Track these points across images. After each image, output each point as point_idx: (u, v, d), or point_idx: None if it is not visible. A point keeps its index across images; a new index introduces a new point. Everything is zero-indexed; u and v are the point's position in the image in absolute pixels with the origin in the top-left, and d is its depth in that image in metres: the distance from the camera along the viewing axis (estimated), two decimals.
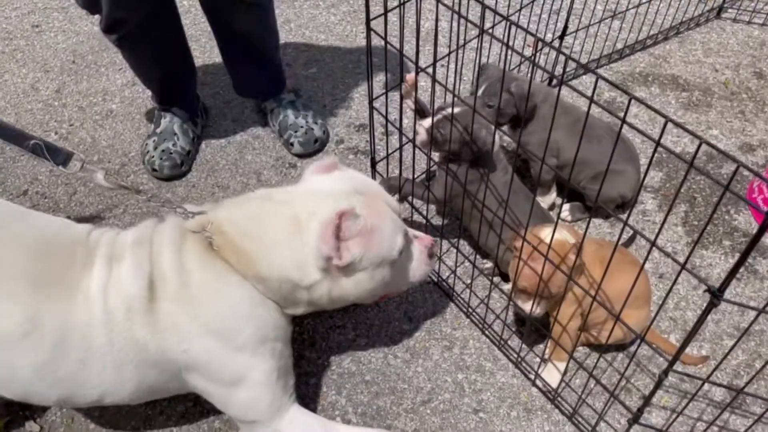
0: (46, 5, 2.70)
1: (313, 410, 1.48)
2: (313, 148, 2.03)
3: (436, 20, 1.11)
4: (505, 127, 1.74)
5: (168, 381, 1.23)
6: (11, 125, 1.30)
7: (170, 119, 2.04)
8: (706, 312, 0.93)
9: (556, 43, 2.18)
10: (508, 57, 1.12)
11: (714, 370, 1.09)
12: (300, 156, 2.06)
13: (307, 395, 1.51)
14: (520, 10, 1.90)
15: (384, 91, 1.48)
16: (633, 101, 0.93)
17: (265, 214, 1.21)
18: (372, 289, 1.27)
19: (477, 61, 1.22)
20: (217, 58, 2.40)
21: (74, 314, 1.13)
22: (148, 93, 2.27)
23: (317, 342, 1.61)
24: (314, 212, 1.18)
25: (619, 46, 2.38)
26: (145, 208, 1.91)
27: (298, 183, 1.33)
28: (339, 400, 1.51)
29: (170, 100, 2.01)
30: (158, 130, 2.03)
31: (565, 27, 2.06)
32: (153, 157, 1.98)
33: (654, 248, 1.71)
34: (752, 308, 0.91)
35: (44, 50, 2.48)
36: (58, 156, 1.29)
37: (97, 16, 1.74)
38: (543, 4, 2.10)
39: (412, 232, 1.38)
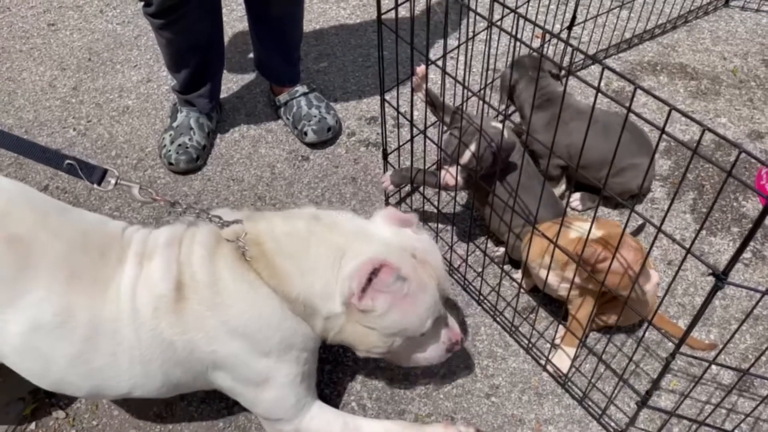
0: (61, 4, 2.74)
1: (329, 395, 1.52)
2: (327, 136, 2.07)
3: (446, 14, 1.14)
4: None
5: (195, 378, 1.26)
6: (45, 147, 1.30)
7: (187, 113, 2.08)
8: (710, 295, 0.96)
9: (564, 34, 2.19)
10: (517, 49, 1.14)
11: (719, 351, 1.12)
12: (313, 145, 2.10)
13: (323, 381, 1.55)
14: (528, 1, 1.92)
15: (395, 84, 1.51)
16: (640, 91, 0.95)
17: (311, 238, 1.20)
18: (374, 347, 1.26)
19: (486, 53, 1.25)
20: (229, 53, 2.44)
21: (104, 308, 1.17)
22: (164, 89, 2.32)
23: None
24: (359, 254, 1.17)
25: (627, 35, 2.39)
26: (162, 201, 1.96)
27: (364, 216, 1.30)
28: (354, 386, 1.55)
29: (195, 89, 2.04)
30: (175, 125, 2.08)
31: (573, 17, 2.07)
32: (170, 151, 2.02)
33: (663, 235, 1.74)
34: (756, 290, 0.94)
35: (60, 48, 2.53)
36: (93, 174, 1.28)
37: (115, 9, 1.77)
38: None
39: (446, 318, 1.35)
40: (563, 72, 1.79)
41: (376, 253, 1.16)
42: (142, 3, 1.77)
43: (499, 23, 1.15)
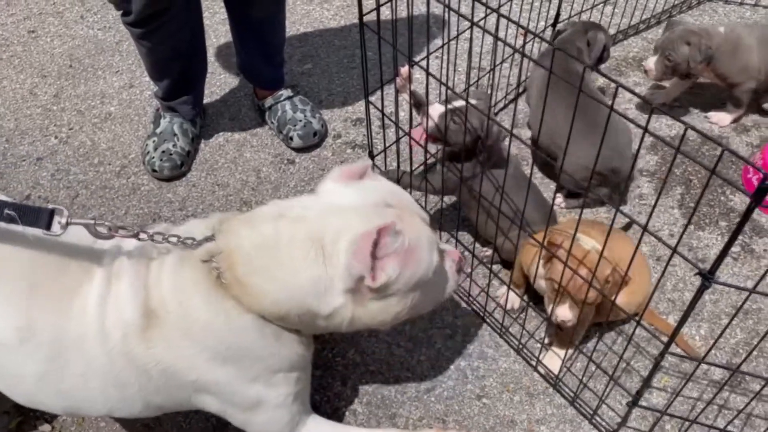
0: (41, 11, 2.71)
1: (320, 402, 1.51)
2: (312, 141, 2.05)
3: (428, 15, 1.13)
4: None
5: (180, 404, 1.21)
6: None
7: (170, 119, 2.05)
8: (698, 294, 0.95)
9: (549, 31, 2.18)
10: (499, 48, 1.13)
11: (709, 350, 1.11)
12: (299, 150, 2.08)
13: (314, 387, 1.53)
14: (510, 0, 1.92)
15: (379, 85, 1.49)
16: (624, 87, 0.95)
17: (279, 240, 1.08)
18: (397, 313, 1.15)
19: (470, 52, 1.24)
20: (212, 57, 2.42)
21: (70, 327, 1.09)
22: (146, 95, 2.29)
23: (321, 334, 1.63)
24: (341, 231, 1.06)
25: (612, 31, 2.39)
26: (146, 209, 1.94)
27: (317, 192, 1.19)
28: (344, 391, 1.53)
29: (178, 96, 2.02)
30: (158, 131, 2.05)
31: (557, 14, 2.06)
32: (153, 158, 2.00)
33: (652, 230, 1.73)
34: (743, 289, 0.93)
35: (41, 55, 2.50)
36: (40, 218, 1.05)
37: (96, 15, 1.75)
38: None
39: (441, 245, 1.27)
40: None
41: (357, 227, 1.05)
42: (121, 12, 1.75)
43: (482, 23, 1.14)
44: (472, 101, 1.43)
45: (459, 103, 1.47)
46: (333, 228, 1.07)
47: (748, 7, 2.54)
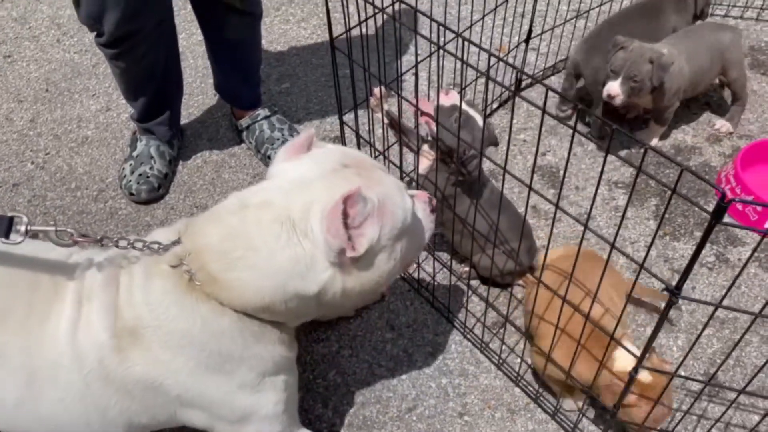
0: (17, 35, 2.70)
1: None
2: None
3: (398, 40, 1.14)
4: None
5: (165, 421, 1.18)
6: None
7: (146, 142, 2.05)
8: (666, 310, 0.96)
9: (522, 47, 2.21)
10: (464, 70, 1.14)
11: (680, 364, 1.13)
12: None
13: None
14: (483, 17, 1.94)
15: (353, 105, 1.50)
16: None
17: (248, 228, 1.04)
18: (390, 270, 1.13)
19: (438, 73, 1.25)
20: (189, 78, 2.42)
21: (41, 352, 1.07)
22: (123, 117, 2.29)
23: (301, 356, 1.63)
24: (308, 205, 1.03)
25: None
26: (125, 233, 1.93)
27: (270, 175, 1.15)
28: (326, 413, 1.53)
29: (154, 117, 2.02)
30: (135, 154, 2.05)
31: (530, 30, 2.09)
32: (130, 181, 1.99)
33: (627, 242, 1.74)
34: (709, 303, 0.94)
35: (17, 80, 2.48)
36: None
37: (72, 38, 1.75)
38: (506, 9, 2.14)
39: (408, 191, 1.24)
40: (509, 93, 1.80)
41: (324, 196, 1.02)
42: (95, 33, 1.75)
43: (452, 43, 1.15)
44: (479, 119, 1.43)
45: (473, 112, 1.47)
46: (299, 203, 1.04)
47: (718, 18, 2.58)
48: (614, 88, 1.85)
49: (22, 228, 1.04)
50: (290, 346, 1.22)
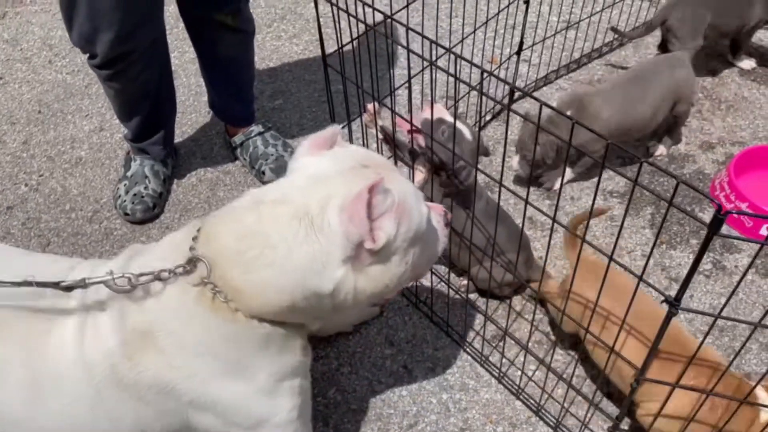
0: (8, 57, 2.70)
1: None
2: (285, 175, 2.05)
3: (390, 55, 1.14)
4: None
5: (178, 430, 1.15)
6: None
7: (141, 162, 2.05)
8: (666, 322, 0.96)
9: (514, 59, 2.22)
10: (457, 85, 1.15)
11: (682, 374, 1.12)
12: None
13: None
14: (474, 31, 1.95)
15: (347, 122, 1.50)
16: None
17: (264, 225, 1.01)
18: (401, 275, 1.10)
19: (432, 88, 1.26)
20: (183, 96, 2.42)
21: (45, 362, 1.05)
22: (117, 137, 2.28)
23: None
24: (326, 200, 1.00)
25: (576, 55, 2.44)
26: (127, 247, 1.91)
27: (290, 170, 1.12)
28: (326, 431, 1.52)
29: (148, 137, 2.01)
30: (129, 174, 2.04)
31: (521, 41, 2.10)
32: (125, 201, 1.98)
33: (625, 251, 1.73)
34: (709, 314, 0.94)
35: (9, 102, 2.48)
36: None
37: (64, 59, 1.74)
38: (497, 21, 2.15)
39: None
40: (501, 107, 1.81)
41: (344, 190, 1.00)
42: (87, 55, 1.75)
43: (443, 58, 1.16)
44: (466, 131, 1.43)
45: (459, 124, 1.46)
46: (317, 199, 1.01)
47: None
48: (514, 164, 1.94)
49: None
50: (305, 351, 1.20)
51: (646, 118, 1.90)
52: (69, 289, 1.03)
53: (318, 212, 1.00)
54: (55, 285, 1.03)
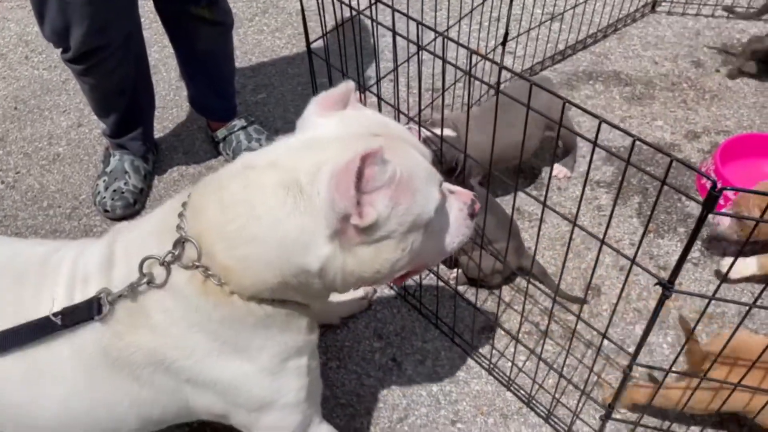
0: None
1: None
2: None
3: (376, 41, 1.12)
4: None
5: (177, 411, 1.09)
6: None
7: (120, 157, 2.00)
8: (659, 305, 0.94)
9: (499, 50, 2.21)
10: (447, 69, 1.12)
11: (674, 361, 1.11)
12: None
13: None
14: (459, 20, 1.93)
15: None
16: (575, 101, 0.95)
17: (248, 195, 0.92)
18: (395, 261, 0.97)
19: (419, 74, 1.24)
20: (163, 91, 2.38)
21: (36, 349, 1.00)
22: (96, 133, 2.23)
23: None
24: (318, 166, 0.90)
25: (561, 47, 2.43)
26: None
27: (297, 128, 1.02)
28: None
29: (126, 132, 1.97)
30: (108, 170, 2.00)
31: (506, 33, 2.09)
32: (104, 197, 1.94)
33: (612, 240, 1.73)
34: (703, 296, 0.93)
35: None
36: (90, 309, 0.99)
37: (41, 55, 1.70)
38: (482, 13, 2.14)
39: (446, 185, 1.09)
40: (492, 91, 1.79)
41: (338, 157, 0.88)
42: (61, 49, 1.70)
43: (432, 45, 1.14)
44: (447, 131, 1.41)
45: (436, 131, 1.41)
46: (308, 164, 0.90)
47: (690, 16, 2.61)
48: None
49: (108, 300, 0.97)
50: (311, 328, 1.10)
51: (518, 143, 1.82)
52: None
53: (308, 180, 0.90)
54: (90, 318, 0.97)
